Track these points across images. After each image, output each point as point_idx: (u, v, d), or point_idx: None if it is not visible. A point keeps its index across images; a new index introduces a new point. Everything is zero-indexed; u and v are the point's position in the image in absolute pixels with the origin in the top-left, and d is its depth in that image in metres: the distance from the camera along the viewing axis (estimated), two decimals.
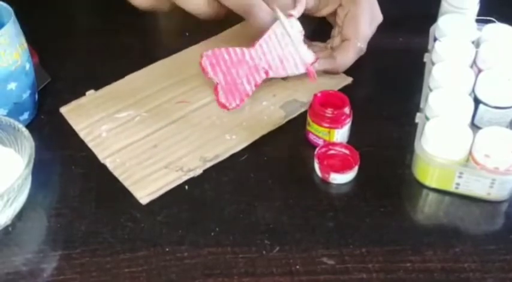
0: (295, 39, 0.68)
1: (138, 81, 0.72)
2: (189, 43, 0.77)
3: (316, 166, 0.63)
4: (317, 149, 0.63)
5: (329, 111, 0.63)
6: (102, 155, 0.64)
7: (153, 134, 0.66)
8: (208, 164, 0.64)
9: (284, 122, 0.68)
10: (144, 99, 0.70)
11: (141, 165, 0.63)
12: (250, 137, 0.66)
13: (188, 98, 0.70)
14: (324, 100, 0.65)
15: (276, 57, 0.68)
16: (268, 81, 0.71)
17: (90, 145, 0.65)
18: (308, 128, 0.65)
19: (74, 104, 0.69)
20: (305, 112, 0.67)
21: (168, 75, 0.73)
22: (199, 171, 0.63)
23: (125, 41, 0.79)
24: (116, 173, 0.63)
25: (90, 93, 0.70)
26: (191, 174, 0.63)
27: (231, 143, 0.66)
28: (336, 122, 0.64)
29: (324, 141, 0.64)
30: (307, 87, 0.71)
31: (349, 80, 0.73)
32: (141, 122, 0.67)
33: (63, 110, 0.69)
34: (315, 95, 0.65)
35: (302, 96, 0.70)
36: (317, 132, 0.64)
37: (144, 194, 0.61)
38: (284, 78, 0.72)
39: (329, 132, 0.64)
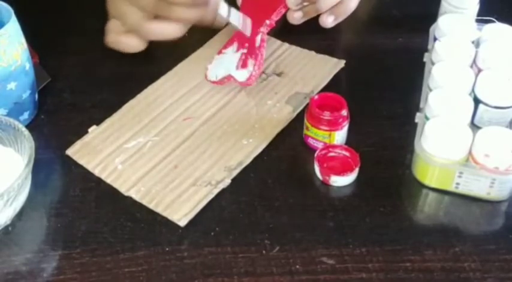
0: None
1: (137, 108, 0.70)
2: (189, 43, 0.77)
3: (317, 169, 0.63)
4: (317, 152, 0.63)
5: (327, 114, 0.63)
6: (124, 188, 0.61)
7: (170, 156, 0.64)
8: (234, 173, 0.62)
9: (294, 115, 0.68)
10: (149, 124, 0.68)
11: (167, 189, 0.61)
12: (267, 137, 0.66)
13: (192, 114, 0.69)
14: (321, 102, 0.65)
15: None
16: (265, 80, 0.72)
17: (109, 181, 0.62)
18: (307, 132, 0.65)
19: (79, 144, 0.66)
20: None
21: (166, 95, 0.71)
22: (227, 182, 0.62)
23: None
24: (145, 202, 0.60)
25: (93, 129, 0.67)
26: (221, 187, 0.61)
27: (250, 146, 0.65)
28: (335, 124, 0.63)
29: (324, 144, 0.64)
30: (305, 77, 0.72)
31: (342, 63, 0.74)
32: (153, 146, 0.65)
33: (70, 152, 0.65)
34: (312, 98, 0.65)
35: (303, 88, 0.71)
36: (316, 136, 0.64)
37: (181, 216, 0.59)
38: (279, 75, 0.73)
39: (330, 135, 0.64)
